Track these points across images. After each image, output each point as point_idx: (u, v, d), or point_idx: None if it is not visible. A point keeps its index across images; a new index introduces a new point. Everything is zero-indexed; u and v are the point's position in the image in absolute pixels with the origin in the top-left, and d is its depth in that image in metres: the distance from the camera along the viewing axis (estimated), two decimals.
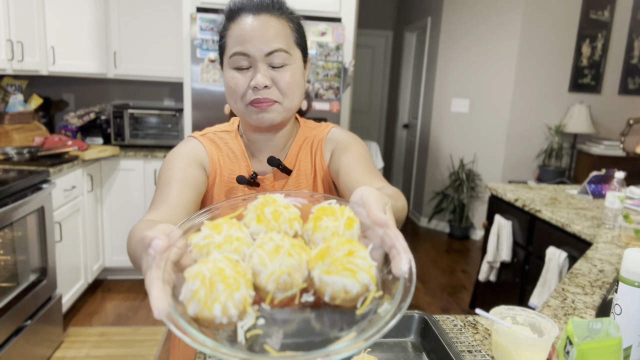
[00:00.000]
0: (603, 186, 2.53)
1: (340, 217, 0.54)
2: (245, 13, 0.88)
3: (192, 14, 2.80)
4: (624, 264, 0.77)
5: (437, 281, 3.71)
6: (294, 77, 0.90)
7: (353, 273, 0.48)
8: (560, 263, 2.02)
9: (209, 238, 0.52)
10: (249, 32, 0.87)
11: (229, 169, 0.99)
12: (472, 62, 4.55)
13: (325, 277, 0.49)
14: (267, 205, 0.56)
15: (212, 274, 0.46)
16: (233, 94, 0.90)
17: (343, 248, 0.49)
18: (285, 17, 0.90)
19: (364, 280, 0.49)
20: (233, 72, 0.90)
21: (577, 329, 0.64)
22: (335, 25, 2.87)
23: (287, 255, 0.50)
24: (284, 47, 0.88)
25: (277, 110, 0.90)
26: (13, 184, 2.10)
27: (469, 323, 1.02)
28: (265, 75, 0.87)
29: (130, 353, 2.49)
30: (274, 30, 0.87)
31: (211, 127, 1.06)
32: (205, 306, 0.45)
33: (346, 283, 0.48)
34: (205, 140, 1.00)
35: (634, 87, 4.54)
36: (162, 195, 0.87)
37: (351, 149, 0.96)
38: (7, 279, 2.15)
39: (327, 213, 0.55)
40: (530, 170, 4.56)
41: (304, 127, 1.05)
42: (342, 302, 0.49)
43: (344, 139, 1.00)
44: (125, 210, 3.21)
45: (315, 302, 0.51)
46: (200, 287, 0.45)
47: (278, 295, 0.50)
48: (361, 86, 6.31)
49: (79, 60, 3.12)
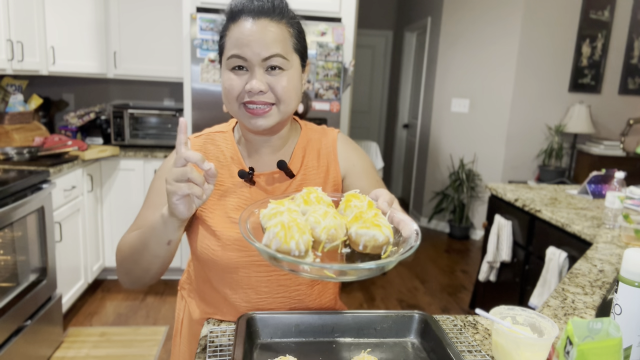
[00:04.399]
0: (603, 186, 2.53)
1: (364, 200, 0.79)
2: (245, 16, 0.89)
3: (192, 14, 2.80)
4: (624, 264, 0.77)
5: (437, 281, 3.71)
6: (290, 82, 0.91)
7: (379, 227, 0.72)
8: (560, 263, 2.02)
9: (275, 209, 0.74)
10: (247, 36, 0.87)
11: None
12: (472, 62, 4.55)
13: (360, 230, 0.72)
14: (311, 193, 0.80)
15: (289, 220, 0.69)
16: (228, 95, 0.91)
17: (371, 212, 0.75)
18: (285, 22, 0.91)
19: (387, 233, 0.73)
20: (230, 73, 0.90)
21: (577, 329, 0.64)
22: (335, 25, 2.87)
23: (333, 217, 0.74)
24: (282, 52, 0.89)
25: (273, 116, 0.91)
26: (13, 184, 2.10)
27: (469, 323, 1.02)
28: (261, 80, 0.88)
29: (130, 353, 2.49)
30: (272, 35, 0.88)
31: (210, 127, 1.06)
32: (285, 241, 0.68)
33: (375, 233, 0.72)
34: (198, 142, 1.01)
35: (634, 87, 4.54)
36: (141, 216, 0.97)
37: (369, 175, 1.04)
38: (7, 279, 2.15)
39: (355, 196, 0.80)
40: (530, 170, 4.56)
41: (306, 129, 1.06)
42: (372, 250, 0.73)
43: (361, 160, 1.05)
44: (125, 210, 3.21)
45: (351, 253, 0.75)
46: (280, 230, 0.68)
47: (327, 245, 0.73)
48: (361, 86, 6.31)
49: (79, 60, 3.12)
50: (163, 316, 2.89)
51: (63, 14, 2.99)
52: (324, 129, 1.08)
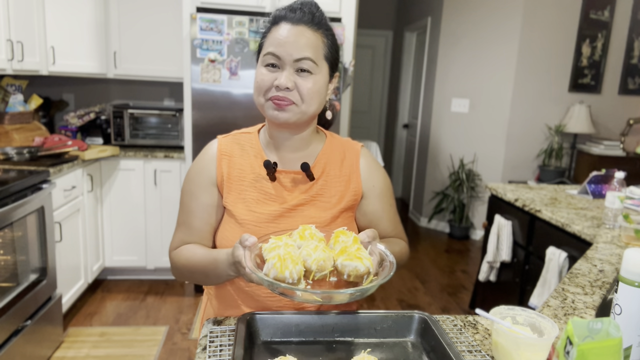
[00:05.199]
0: (603, 186, 2.53)
1: (350, 236, 0.91)
2: (286, 21, 0.98)
3: (192, 14, 2.80)
4: (624, 264, 0.77)
5: (437, 281, 3.71)
6: (315, 85, 0.98)
7: (361, 260, 0.86)
8: (560, 263, 2.02)
9: (274, 244, 0.86)
10: (284, 38, 0.97)
11: (238, 168, 1.07)
12: (472, 62, 4.55)
13: (345, 262, 0.86)
14: (306, 230, 0.93)
15: (284, 253, 0.83)
16: (258, 88, 1.00)
17: (355, 247, 0.88)
18: (322, 32, 1.00)
19: (367, 264, 0.86)
20: (263, 69, 0.99)
21: (577, 329, 0.64)
22: (335, 25, 2.87)
23: (322, 251, 0.87)
24: (312, 57, 0.97)
25: (293, 111, 0.99)
26: (13, 184, 2.10)
27: (469, 323, 1.02)
28: (290, 78, 0.96)
29: (130, 353, 2.49)
30: (306, 41, 0.97)
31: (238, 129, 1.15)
32: (280, 271, 0.81)
33: (357, 265, 0.85)
34: (225, 142, 1.10)
35: (634, 87, 4.54)
36: (186, 222, 1.08)
37: (385, 198, 1.13)
38: (7, 279, 2.15)
39: (342, 233, 0.93)
40: (530, 170, 4.56)
41: (331, 138, 1.14)
42: (354, 278, 0.86)
43: (381, 182, 1.13)
44: (125, 210, 3.21)
45: (337, 281, 0.88)
46: (277, 261, 0.82)
47: (317, 274, 0.86)
48: (361, 86, 6.31)
49: (79, 60, 3.12)
50: (163, 316, 2.89)
51: (63, 14, 2.99)
52: (348, 140, 1.16)
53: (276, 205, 1.04)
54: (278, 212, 1.03)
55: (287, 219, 1.03)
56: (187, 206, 1.08)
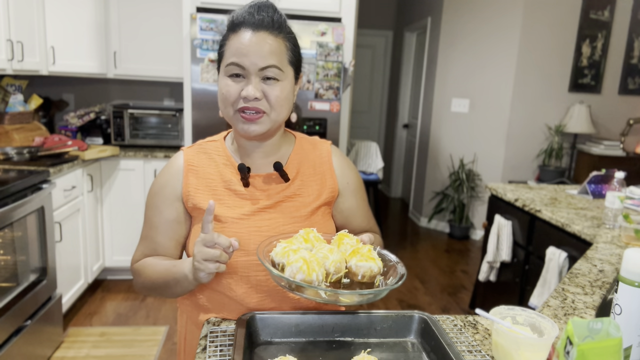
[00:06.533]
0: (603, 186, 2.53)
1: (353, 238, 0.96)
2: (245, 27, 0.94)
3: (192, 14, 2.80)
4: (624, 264, 0.77)
5: (437, 281, 3.71)
6: (283, 92, 0.96)
7: (374, 260, 0.90)
8: (560, 263, 2.02)
9: (288, 247, 0.89)
10: (246, 46, 0.93)
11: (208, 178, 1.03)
12: (472, 62, 4.55)
13: (359, 263, 0.90)
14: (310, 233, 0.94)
15: (309, 257, 0.85)
16: (224, 100, 0.96)
17: (365, 248, 0.92)
18: (283, 37, 0.96)
19: (379, 264, 0.91)
20: (227, 79, 0.95)
21: (577, 329, 0.64)
22: (335, 25, 2.87)
23: (338, 253, 0.90)
24: (277, 64, 0.94)
25: (264, 123, 0.96)
26: (13, 184, 2.10)
27: (469, 323, 1.02)
28: (257, 87, 0.93)
29: (130, 353, 2.49)
30: (269, 48, 0.93)
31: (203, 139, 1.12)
32: (308, 274, 0.84)
33: (371, 265, 0.90)
34: (191, 153, 1.06)
35: (634, 87, 4.54)
36: (149, 236, 1.05)
37: (358, 193, 1.14)
38: (7, 279, 2.15)
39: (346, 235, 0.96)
40: (530, 170, 4.56)
41: (300, 138, 1.12)
42: (368, 279, 0.90)
43: (354, 178, 1.13)
44: (125, 210, 3.21)
45: (350, 282, 0.91)
46: (303, 264, 0.84)
47: (334, 276, 0.88)
48: (361, 86, 6.31)
49: (79, 60, 3.12)
50: (163, 316, 2.89)
51: (63, 13, 2.99)
52: (317, 139, 1.15)
53: (251, 205, 1.01)
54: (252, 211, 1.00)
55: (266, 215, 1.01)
56: (151, 220, 1.05)
